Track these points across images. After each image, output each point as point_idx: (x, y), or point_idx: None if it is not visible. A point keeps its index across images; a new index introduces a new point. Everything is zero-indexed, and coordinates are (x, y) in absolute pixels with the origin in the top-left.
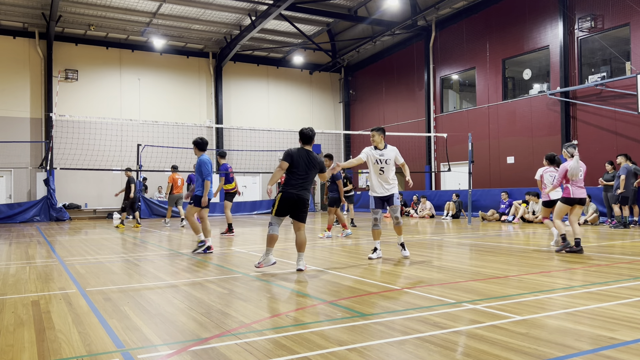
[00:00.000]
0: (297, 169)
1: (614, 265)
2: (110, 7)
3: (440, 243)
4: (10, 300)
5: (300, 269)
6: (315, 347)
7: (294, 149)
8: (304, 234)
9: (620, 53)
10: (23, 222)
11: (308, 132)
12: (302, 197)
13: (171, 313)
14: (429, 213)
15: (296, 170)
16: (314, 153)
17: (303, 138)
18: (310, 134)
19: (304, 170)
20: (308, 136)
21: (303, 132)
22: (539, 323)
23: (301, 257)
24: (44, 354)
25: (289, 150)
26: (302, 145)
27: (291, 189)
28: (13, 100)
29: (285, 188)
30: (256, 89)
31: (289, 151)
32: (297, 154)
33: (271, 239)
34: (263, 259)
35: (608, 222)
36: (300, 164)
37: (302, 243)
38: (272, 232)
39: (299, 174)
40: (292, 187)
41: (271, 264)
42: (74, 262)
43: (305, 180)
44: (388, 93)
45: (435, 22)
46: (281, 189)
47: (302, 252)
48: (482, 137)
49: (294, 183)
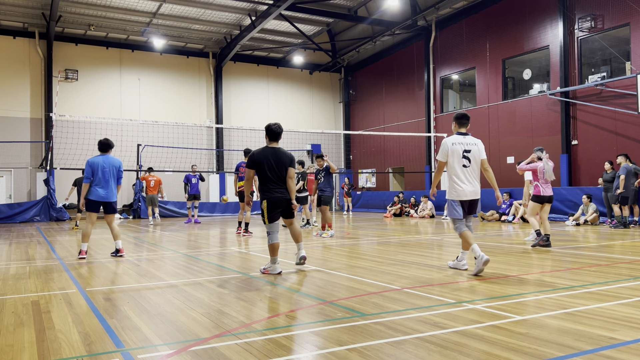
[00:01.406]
0: (267, 170)
1: (614, 265)
2: (110, 7)
3: (440, 243)
4: (10, 300)
5: (303, 256)
6: (315, 347)
7: (256, 150)
8: (297, 225)
9: (620, 53)
10: (23, 222)
11: (275, 128)
12: (284, 198)
13: (171, 313)
14: (429, 213)
15: (267, 173)
16: (281, 149)
17: (270, 134)
18: (277, 130)
19: (274, 170)
20: (275, 132)
21: (270, 128)
22: (539, 323)
23: (301, 247)
24: (44, 354)
25: (251, 154)
26: (269, 143)
27: (271, 193)
28: (13, 100)
29: (265, 194)
30: (256, 89)
31: (251, 155)
32: (261, 154)
33: (273, 249)
34: (269, 266)
35: (608, 222)
36: (269, 164)
37: (298, 234)
38: (272, 241)
39: (271, 175)
40: (270, 191)
41: (276, 273)
42: (74, 262)
43: (280, 180)
44: (388, 93)
45: (435, 22)
46: (262, 195)
47: (300, 242)
48: (482, 137)
49: (271, 186)
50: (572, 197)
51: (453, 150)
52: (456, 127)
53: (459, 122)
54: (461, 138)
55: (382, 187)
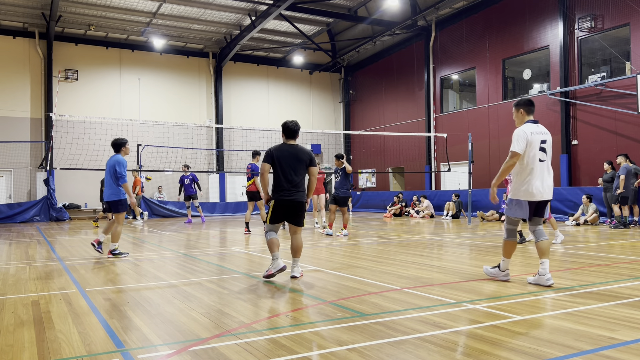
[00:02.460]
0: (282, 168)
1: (614, 265)
2: (110, 7)
3: (440, 243)
4: (10, 300)
5: (294, 275)
6: (315, 347)
7: (274, 146)
8: (300, 237)
9: (620, 53)
10: (23, 222)
11: (292, 125)
12: (297, 201)
13: (171, 313)
14: (428, 213)
15: (282, 170)
16: (299, 146)
17: (286, 132)
18: (294, 127)
19: (290, 167)
20: (292, 130)
21: (287, 125)
22: (539, 323)
23: (296, 263)
24: (44, 354)
25: (268, 150)
26: (286, 140)
27: (283, 195)
28: (13, 100)
29: (276, 194)
30: (256, 89)
31: (268, 150)
32: (278, 150)
33: (272, 244)
34: (272, 265)
35: (608, 222)
36: (285, 161)
37: (299, 248)
38: (270, 237)
39: (286, 173)
40: (283, 191)
41: (280, 269)
42: (74, 262)
43: (295, 180)
44: (388, 93)
45: (435, 22)
46: (273, 195)
47: (297, 257)
48: (482, 137)
49: (285, 186)
50: (572, 197)
51: (532, 140)
52: (523, 114)
53: (527, 109)
54: (535, 127)
55: (382, 187)
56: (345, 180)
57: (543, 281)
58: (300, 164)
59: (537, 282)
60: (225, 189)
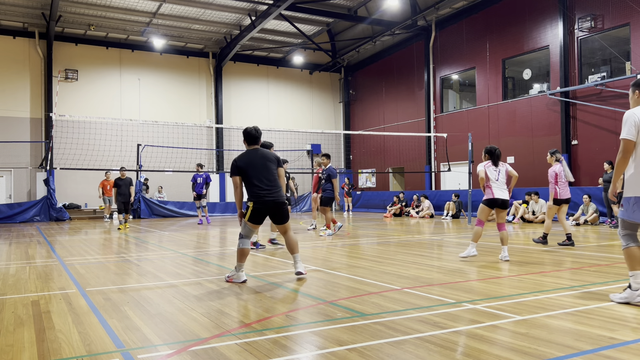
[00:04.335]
0: (254, 173)
1: (614, 265)
2: (110, 7)
3: (440, 243)
4: (10, 300)
5: (299, 271)
6: (315, 347)
7: (238, 156)
8: (292, 234)
9: (620, 53)
10: (23, 222)
11: (252, 130)
12: (277, 201)
13: (171, 313)
14: (428, 213)
15: (254, 176)
16: (263, 150)
17: (248, 138)
18: (256, 133)
19: (261, 171)
20: (253, 136)
21: (247, 131)
22: (539, 323)
23: (297, 259)
24: (44, 354)
25: (233, 161)
26: (248, 147)
27: (265, 196)
28: (13, 100)
29: (256, 198)
30: (256, 89)
31: (233, 162)
32: (243, 159)
33: (242, 254)
34: (233, 274)
35: (608, 222)
36: (254, 167)
37: (294, 244)
38: (242, 245)
39: (260, 177)
40: (263, 191)
41: (241, 282)
42: (74, 262)
43: (269, 182)
44: (388, 93)
45: (435, 22)
46: (249, 201)
47: (297, 253)
48: (482, 137)
49: (263, 188)
50: (572, 197)
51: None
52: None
53: None
54: None
55: (382, 187)
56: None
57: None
58: (271, 165)
59: (628, 300)
60: (225, 189)
